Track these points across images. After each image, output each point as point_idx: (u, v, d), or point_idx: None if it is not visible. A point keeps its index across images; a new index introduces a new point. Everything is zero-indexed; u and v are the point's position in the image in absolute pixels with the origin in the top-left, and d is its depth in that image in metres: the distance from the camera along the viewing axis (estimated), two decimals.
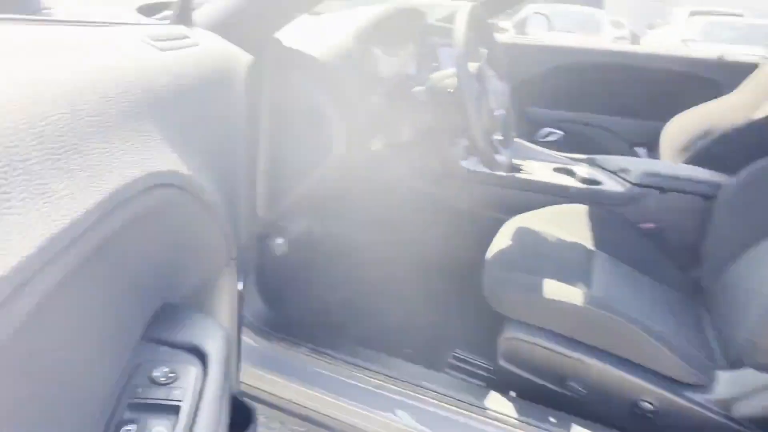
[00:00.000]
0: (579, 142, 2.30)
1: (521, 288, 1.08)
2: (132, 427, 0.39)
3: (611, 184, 1.52)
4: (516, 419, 1.00)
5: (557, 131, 2.33)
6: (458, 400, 1.03)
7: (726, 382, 0.97)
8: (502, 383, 1.11)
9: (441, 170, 1.62)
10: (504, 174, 1.57)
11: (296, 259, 1.41)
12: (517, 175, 1.57)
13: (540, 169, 1.63)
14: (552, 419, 1.00)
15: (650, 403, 0.99)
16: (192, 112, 0.51)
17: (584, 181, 1.57)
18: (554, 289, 1.05)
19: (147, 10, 1.03)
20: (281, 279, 1.41)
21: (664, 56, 2.23)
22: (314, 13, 1.60)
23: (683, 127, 1.96)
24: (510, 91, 1.37)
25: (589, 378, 1.03)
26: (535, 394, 1.07)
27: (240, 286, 0.74)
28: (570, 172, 1.63)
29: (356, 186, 1.68)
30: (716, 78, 2.13)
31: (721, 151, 1.62)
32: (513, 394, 1.09)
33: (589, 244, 1.32)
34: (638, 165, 1.51)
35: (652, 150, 2.14)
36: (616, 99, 2.29)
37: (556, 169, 1.64)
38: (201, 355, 0.47)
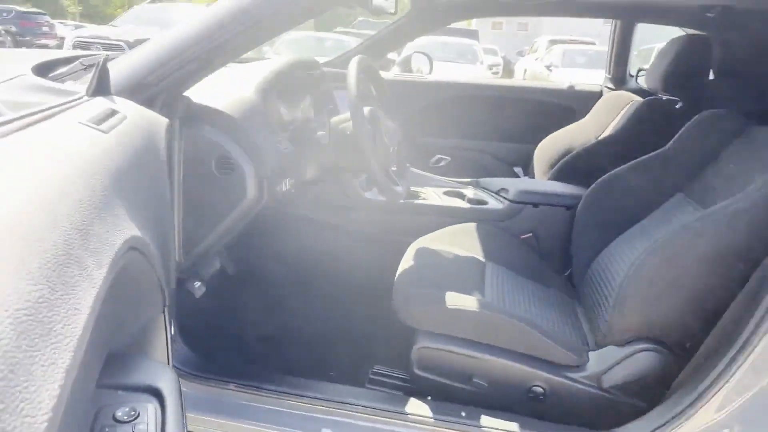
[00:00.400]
0: (466, 166, 2.56)
1: (427, 302, 1.23)
2: None
3: (494, 203, 1.75)
4: (432, 419, 1.13)
5: (446, 157, 2.58)
6: (381, 410, 1.14)
7: (595, 360, 1.18)
8: (418, 390, 1.24)
9: (346, 202, 1.75)
10: (402, 201, 1.74)
11: (214, 299, 1.45)
12: (416, 201, 1.75)
13: (434, 194, 1.83)
14: (463, 414, 1.14)
15: (541, 387, 1.17)
16: (136, 182, 0.58)
17: (472, 201, 1.78)
18: (455, 300, 1.21)
19: (42, 69, 1.05)
20: (201, 321, 1.44)
21: (528, 88, 2.59)
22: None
23: (549, 148, 2.29)
24: (399, 126, 1.54)
25: (490, 373, 1.19)
26: (448, 394, 1.21)
27: (172, 330, 0.80)
28: (459, 195, 1.84)
29: (269, 223, 1.75)
30: (572, 105, 2.51)
31: (579, 166, 1.93)
32: (429, 398, 1.22)
33: (480, 256, 1.52)
34: (515, 185, 1.76)
35: (527, 168, 2.45)
36: (495, 126, 2.59)
37: (447, 193, 1.84)
38: (156, 394, 0.54)
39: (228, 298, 1.65)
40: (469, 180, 1.91)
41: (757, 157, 1.17)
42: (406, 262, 1.44)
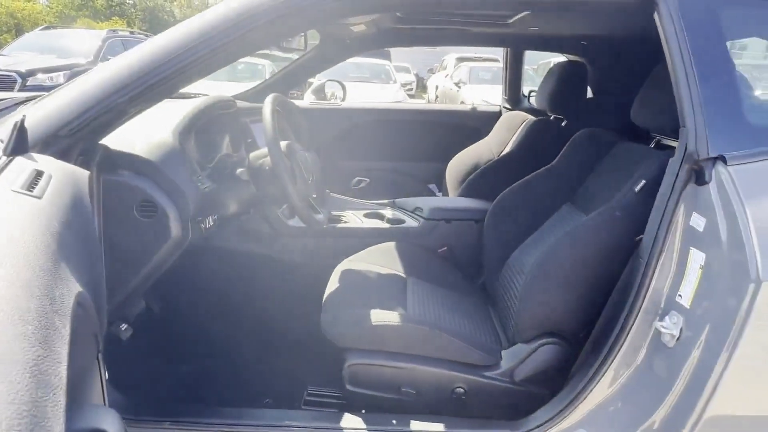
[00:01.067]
0: (384, 186, 2.70)
1: (353, 322, 1.31)
2: None
3: (411, 222, 1.88)
4: (367, 430, 1.21)
5: (365, 179, 2.70)
6: (318, 428, 1.21)
7: (507, 358, 1.32)
8: (352, 405, 1.31)
9: (270, 231, 1.80)
10: (325, 226, 1.82)
11: (141, 339, 1.44)
12: (338, 225, 1.84)
13: (354, 216, 1.93)
14: (394, 422, 1.23)
15: (462, 388, 1.29)
16: (71, 239, 0.62)
17: (390, 221, 1.90)
18: (379, 316, 1.31)
19: None
20: (130, 363, 1.42)
21: (436, 111, 2.78)
22: None
23: (458, 165, 2.48)
24: (317, 154, 1.63)
25: (417, 381, 1.29)
26: (380, 406, 1.30)
27: (105, 375, 0.83)
28: (379, 216, 1.96)
29: (193, 258, 1.76)
30: (476, 125, 2.73)
31: (484, 182, 2.12)
32: (363, 411, 1.30)
33: (402, 273, 1.63)
34: (428, 203, 1.90)
35: (441, 185, 2.63)
36: (408, 147, 2.76)
37: (367, 215, 1.95)
38: None
39: (155, 336, 1.64)
40: (386, 201, 2.03)
41: (621, 170, 1.38)
42: (332, 284, 1.52)
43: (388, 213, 1.95)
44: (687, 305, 1.01)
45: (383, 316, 1.31)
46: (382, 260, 1.67)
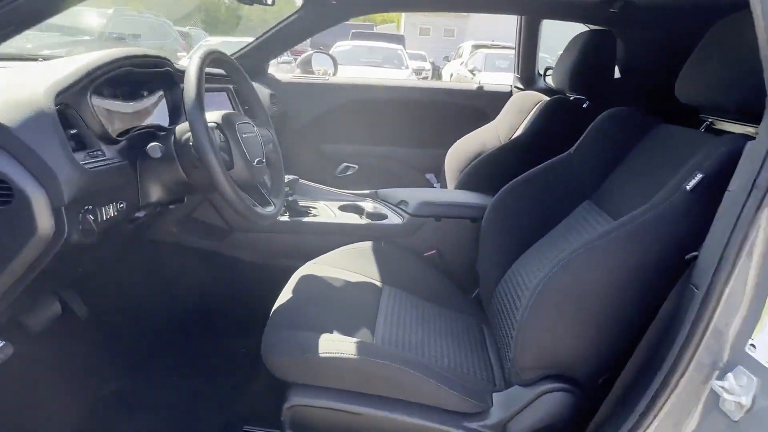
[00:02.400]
0: (375, 174, 2.37)
1: (297, 349, 1.00)
2: None
3: (394, 218, 1.55)
4: None
5: (353, 165, 2.37)
6: None
7: (500, 405, 1.00)
8: None
9: (221, 223, 1.49)
10: (288, 219, 1.50)
11: (38, 358, 1.15)
12: (304, 219, 1.51)
13: (327, 209, 1.60)
14: None
15: None
16: None
17: (369, 216, 1.58)
18: (331, 346, 0.99)
19: None
20: (20, 388, 1.13)
21: (438, 89, 2.42)
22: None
23: (460, 152, 2.13)
24: (271, 134, 1.31)
25: (376, 430, 0.98)
26: None
27: None
28: (357, 209, 1.63)
29: (128, 254, 1.46)
30: (482, 106, 2.38)
31: (486, 172, 1.77)
32: None
33: (377, 280, 1.31)
34: (415, 196, 1.57)
35: (440, 175, 2.29)
36: (404, 130, 2.42)
37: (343, 207, 1.62)
38: None
39: (64, 352, 1.35)
40: (367, 192, 1.70)
41: (664, 160, 1.03)
42: (284, 295, 1.20)
43: (368, 206, 1.62)
44: (764, 361, 0.68)
45: (337, 345, 0.99)
46: (353, 264, 1.35)
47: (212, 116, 1.08)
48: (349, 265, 1.35)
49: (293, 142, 2.30)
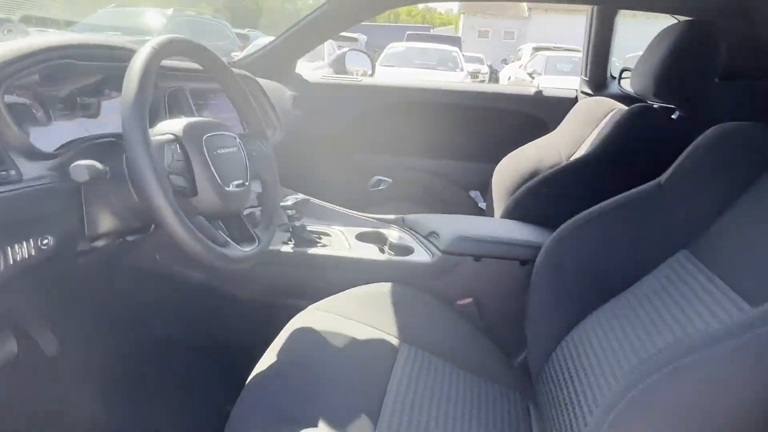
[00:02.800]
0: (411, 190, 2.07)
1: None
2: None
3: (421, 253, 1.24)
4: None
5: (386, 179, 2.07)
6: None
7: None
8: None
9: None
10: (292, 250, 1.23)
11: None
12: (309, 250, 1.23)
13: (342, 236, 1.32)
14: None
15: None
16: None
17: (394, 248, 1.28)
18: None
19: None
20: None
21: (488, 93, 2.09)
22: None
23: (511, 168, 1.79)
24: (266, 149, 1.03)
25: None
26: None
27: None
28: (379, 238, 1.34)
29: (99, 281, 1.23)
30: (540, 114, 2.03)
31: (543, 197, 1.43)
32: None
33: (393, 336, 1.01)
34: (450, 227, 1.25)
35: (486, 194, 1.96)
36: (448, 140, 2.10)
37: (362, 236, 1.33)
38: None
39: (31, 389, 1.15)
40: (392, 217, 1.40)
41: None
42: (271, 354, 0.93)
43: (393, 235, 1.32)
44: None
45: None
46: (364, 313, 1.06)
47: (171, 126, 0.82)
48: (360, 314, 1.06)
49: (320, 150, 2.05)
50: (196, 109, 1.23)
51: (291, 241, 1.26)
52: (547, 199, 1.37)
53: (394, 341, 1.00)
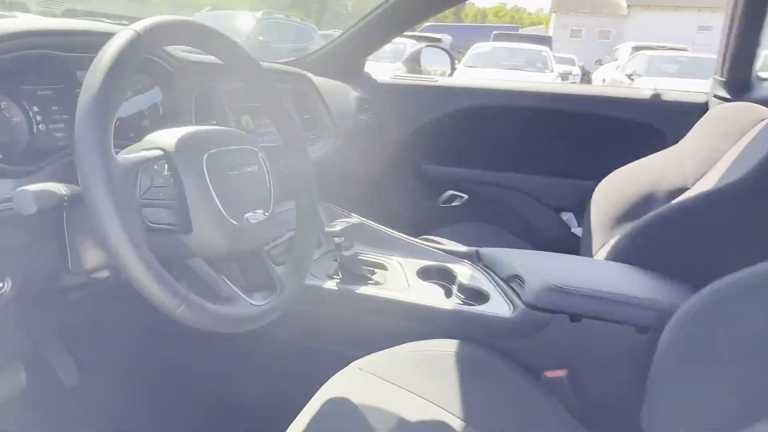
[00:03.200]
0: (489, 209, 1.77)
1: None
2: None
3: (498, 303, 0.96)
4: None
5: (462, 194, 1.80)
6: None
7: None
8: None
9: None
10: (337, 287, 1.00)
11: None
12: (358, 290, 1.00)
13: (399, 270, 1.07)
14: None
15: None
16: None
17: (464, 291, 1.01)
18: None
19: None
20: None
21: (589, 96, 1.74)
22: None
23: (619, 188, 1.45)
24: (306, 164, 0.81)
25: None
26: None
27: None
28: (446, 275, 1.07)
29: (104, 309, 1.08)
30: (656, 123, 1.65)
31: (669, 237, 1.08)
32: None
33: (454, 417, 0.75)
34: (538, 270, 0.95)
35: (581, 217, 1.62)
36: (536, 152, 1.79)
37: (425, 271, 1.07)
38: None
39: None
40: (464, 251, 1.12)
41: None
42: (296, 429, 0.71)
43: (463, 274, 1.05)
44: None
45: None
46: (420, 380, 0.81)
47: (161, 138, 0.61)
48: (414, 381, 0.81)
49: (385, 159, 1.81)
50: (234, 114, 1.04)
51: (338, 275, 1.03)
52: (678, 237, 1.03)
53: (456, 423, 0.74)
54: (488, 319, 0.93)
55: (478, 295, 1.00)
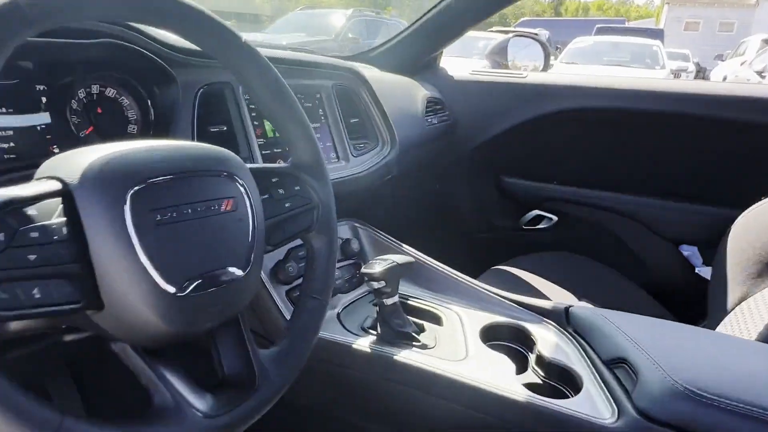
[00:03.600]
0: (584, 236, 1.44)
1: None
2: None
3: (595, 397, 0.66)
4: None
5: (551, 216, 1.48)
6: None
7: None
8: None
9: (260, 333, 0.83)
10: (369, 351, 0.76)
11: None
12: (398, 355, 0.75)
13: (457, 328, 0.80)
14: None
15: None
16: None
17: (543, 367, 0.73)
18: None
19: None
20: None
21: (721, 97, 1.34)
22: None
23: (765, 225, 1.07)
24: (329, 193, 0.58)
25: None
26: None
27: None
28: (520, 339, 0.79)
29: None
30: None
31: None
32: None
33: None
34: (659, 356, 0.64)
35: (710, 255, 1.24)
36: (648, 167, 1.43)
37: (490, 332, 0.80)
38: None
39: None
40: (550, 306, 0.83)
41: None
42: None
43: (545, 340, 0.76)
44: None
45: None
46: None
47: (61, 165, 0.40)
48: None
49: (456, 170, 1.55)
50: (256, 118, 0.83)
51: (375, 329, 0.79)
52: None
53: None
54: (577, 422, 0.63)
55: (564, 377, 0.71)
